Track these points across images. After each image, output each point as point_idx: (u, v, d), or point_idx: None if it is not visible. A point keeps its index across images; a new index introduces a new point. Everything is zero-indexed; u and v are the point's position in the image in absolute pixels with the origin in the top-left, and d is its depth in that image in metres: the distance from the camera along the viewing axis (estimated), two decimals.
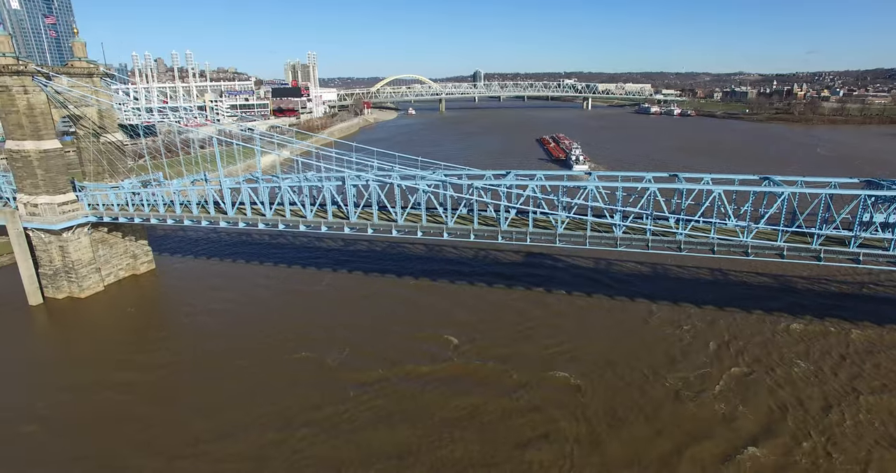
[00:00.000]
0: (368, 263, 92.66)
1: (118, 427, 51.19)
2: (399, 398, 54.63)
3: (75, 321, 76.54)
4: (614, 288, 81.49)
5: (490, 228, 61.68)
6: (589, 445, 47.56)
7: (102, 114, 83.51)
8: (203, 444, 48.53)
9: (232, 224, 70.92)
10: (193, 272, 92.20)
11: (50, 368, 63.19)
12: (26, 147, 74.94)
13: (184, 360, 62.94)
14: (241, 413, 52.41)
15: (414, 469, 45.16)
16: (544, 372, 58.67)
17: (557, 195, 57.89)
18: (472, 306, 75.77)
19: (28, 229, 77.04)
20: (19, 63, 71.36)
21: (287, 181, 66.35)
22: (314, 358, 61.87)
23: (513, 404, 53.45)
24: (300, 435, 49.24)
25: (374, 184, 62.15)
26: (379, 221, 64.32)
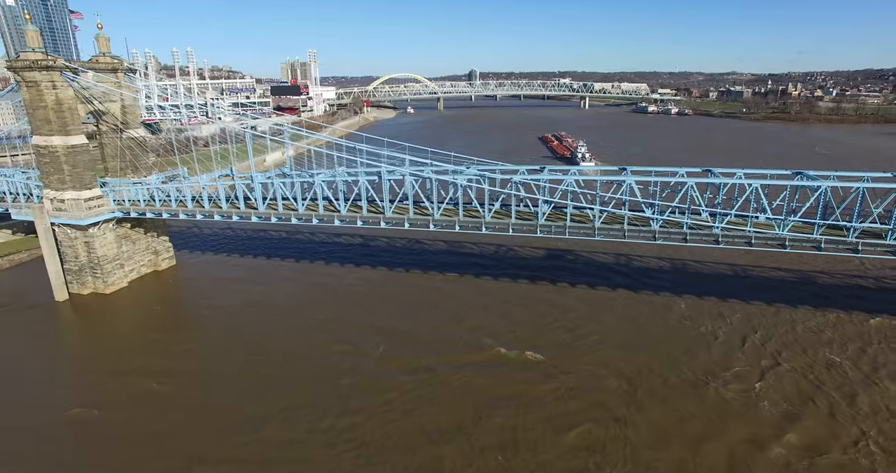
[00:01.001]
0: (390, 258, 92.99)
1: (165, 417, 51.41)
2: (443, 388, 55.34)
3: (103, 316, 76.31)
4: (636, 282, 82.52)
5: (528, 222, 62.34)
6: (623, 429, 48.63)
7: (125, 110, 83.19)
8: (254, 433, 48.92)
9: (264, 219, 71.02)
10: (214, 268, 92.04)
11: (85, 364, 63.15)
12: (54, 142, 74.61)
13: (218, 354, 62.98)
14: (288, 401, 52.78)
15: (461, 453, 45.86)
16: (579, 362, 59.48)
17: (596, 190, 58.63)
18: (501, 299, 76.48)
19: (55, 224, 76.63)
20: (48, 58, 71.05)
21: (320, 176, 66.54)
22: (353, 350, 62.25)
23: (553, 393, 54.18)
24: (343, 424, 49.71)
25: (410, 178, 62.57)
26: (415, 216, 64.76)
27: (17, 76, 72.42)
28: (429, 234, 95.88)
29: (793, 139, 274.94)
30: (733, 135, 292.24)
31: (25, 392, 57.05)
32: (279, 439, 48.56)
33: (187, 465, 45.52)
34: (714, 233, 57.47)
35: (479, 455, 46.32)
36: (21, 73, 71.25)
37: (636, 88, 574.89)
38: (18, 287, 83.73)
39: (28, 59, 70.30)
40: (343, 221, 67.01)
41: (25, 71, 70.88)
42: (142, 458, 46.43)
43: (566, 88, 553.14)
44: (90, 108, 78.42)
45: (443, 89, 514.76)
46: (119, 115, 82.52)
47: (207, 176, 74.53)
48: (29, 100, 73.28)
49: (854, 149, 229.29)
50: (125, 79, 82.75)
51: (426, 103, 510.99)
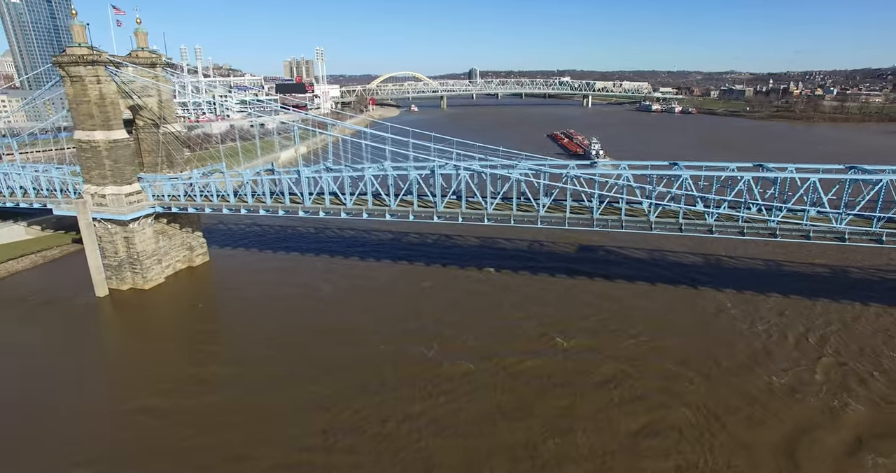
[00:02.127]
0: (424, 254, 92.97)
1: (225, 418, 51.30)
2: (499, 388, 55.32)
3: (146, 312, 76.21)
4: (674, 275, 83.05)
5: (583, 216, 62.60)
6: (698, 433, 48.50)
7: (162, 105, 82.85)
8: (310, 438, 48.51)
9: (311, 213, 70.95)
10: (248, 264, 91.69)
11: (136, 359, 63.05)
12: (96, 137, 74.27)
13: (266, 350, 62.46)
14: (343, 407, 52.25)
15: (532, 460, 45.75)
16: (635, 360, 59.67)
17: (652, 184, 58.93)
18: (542, 291, 76.94)
19: (96, 220, 76.27)
20: (94, 52, 70.72)
21: (370, 170, 66.50)
22: (399, 350, 62.16)
23: (614, 393, 54.38)
24: (406, 429, 49.29)
25: (465, 173, 62.66)
26: (468, 210, 64.87)
27: (62, 71, 72.05)
28: (455, 230, 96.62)
29: (800, 137, 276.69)
30: (740, 133, 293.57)
31: (87, 388, 56.94)
32: (344, 428, 48.72)
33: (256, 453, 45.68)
34: (770, 226, 57.79)
35: (545, 440, 46.69)
36: (66, 67, 70.94)
37: (637, 87, 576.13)
38: (56, 283, 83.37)
39: (74, 54, 70.04)
40: (394, 216, 67.02)
41: (71, 66, 70.59)
42: (208, 445, 46.59)
43: (567, 87, 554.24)
44: (130, 103, 78.06)
45: (445, 88, 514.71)
46: (156, 110, 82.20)
47: (251, 170, 74.21)
48: (73, 95, 72.95)
49: (864, 147, 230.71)
50: (163, 74, 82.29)
51: (429, 101, 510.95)
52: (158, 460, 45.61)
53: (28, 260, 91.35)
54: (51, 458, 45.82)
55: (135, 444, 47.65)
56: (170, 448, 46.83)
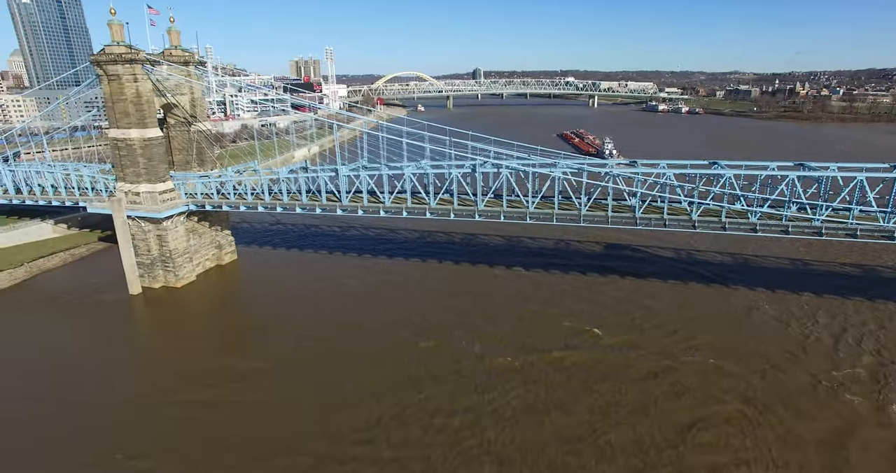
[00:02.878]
0: (452, 253, 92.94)
1: (272, 412, 51.42)
2: (543, 384, 55.47)
3: (181, 310, 76.34)
4: (703, 276, 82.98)
5: (625, 215, 62.65)
6: (746, 427, 48.60)
7: (194, 103, 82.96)
8: (359, 432, 48.66)
9: (349, 212, 70.98)
10: (275, 263, 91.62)
11: (179, 357, 62.97)
12: (131, 135, 74.42)
13: (306, 350, 62.12)
14: (390, 401, 52.37)
15: (587, 453, 45.97)
16: (675, 357, 59.85)
17: (695, 183, 58.94)
18: (575, 293, 76.79)
19: (131, 217, 76.36)
20: (132, 51, 70.85)
21: (409, 169, 66.55)
22: (440, 345, 62.29)
23: (658, 388, 54.47)
24: (457, 424, 49.41)
25: (507, 172, 62.73)
26: (509, 209, 64.96)
27: (99, 69, 72.15)
28: (482, 230, 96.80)
29: (812, 137, 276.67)
30: (750, 133, 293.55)
31: (130, 383, 57.12)
32: (394, 421, 48.79)
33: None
34: (815, 225, 57.77)
35: (596, 434, 46.73)
36: (104, 66, 71.04)
37: (642, 87, 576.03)
38: (88, 281, 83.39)
39: (113, 53, 70.13)
40: (434, 214, 67.11)
41: (109, 64, 70.69)
42: (258, 438, 46.62)
43: (572, 87, 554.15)
44: (164, 101, 78.15)
45: (452, 88, 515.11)
46: (188, 108, 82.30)
47: (285, 168, 74.27)
48: (109, 94, 73.08)
49: (880, 147, 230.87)
50: (195, 72, 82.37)
51: (435, 101, 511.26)
52: (211, 452, 45.76)
53: (58, 258, 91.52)
54: (103, 451, 45.93)
55: (185, 437, 47.89)
56: (220, 441, 47.03)
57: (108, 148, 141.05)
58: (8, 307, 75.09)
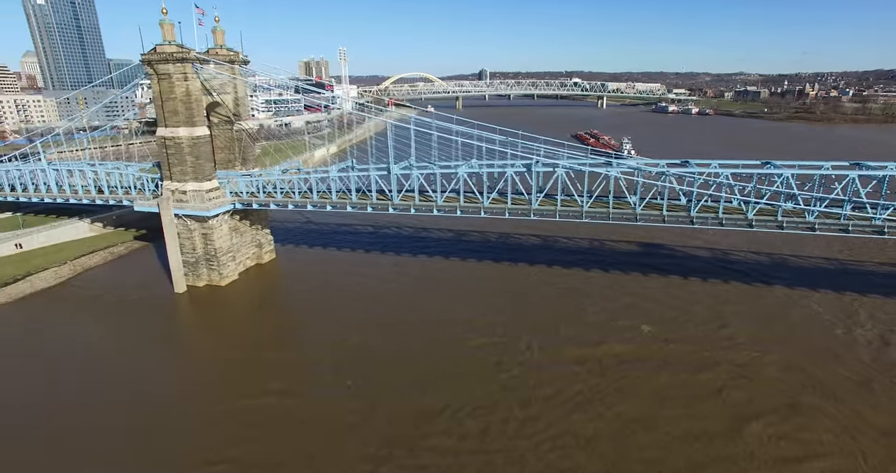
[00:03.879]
0: (488, 252, 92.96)
1: (344, 417, 51.60)
2: (601, 378, 55.79)
3: (229, 309, 76.49)
4: (746, 276, 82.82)
5: (681, 215, 62.79)
6: (808, 419, 48.89)
7: (238, 102, 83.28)
8: (434, 438, 48.99)
9: (401, 210, 71.16)
10: (314, 262, 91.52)
11: (239, 358, 62.89)
12: (180, 134, 74.78)
13: (360, 354, 61.69)
14: (458, 405, 52.13)
15: (652, 442, 46.35)
16: (742, 364, 59.35)
17: (750, 182, 59.07)
18: (620, 293, 76.71)
19: (178, 216, 76.69)
20: (183, 50, 71.23)
21: (463, 167, 66.75)
22: (498, 345, 62.33)
23: (731, 396, 54.33)
24: (531, 429, 49.25)
25: (562, 171, 62.89)
26: (563, 208, 65.15)
27: (149, 69, 72.53)
28: (522, 229, 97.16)
29: (827, 138, 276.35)
30: (764, 134, 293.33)
31: (194, 386, 57.22)
32: (468, 425, 48.90)
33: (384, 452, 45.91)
34: (876, 224, 57.80)
35: (674, 445, 46.77)
36: (155, 65, 71.43)
37: (650, 88, 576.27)
38: (130, 279, 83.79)
39: (164, 52, 70.50)
40: (488, 213, 67.44)
41: (160, 63, 71.09)
42: (336, 444, 46.74)
43: (579, 88, 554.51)
44: (210, 100, 78.47)
45: (462, 89, 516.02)
46: (232, 107, 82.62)
47: (336, 167, 74.48)
48: (159, 92, 73.48)
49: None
50: (240, 72, 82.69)
51: (443, 102, 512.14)
52: (293, 458, 45.55)
53: (99, 257, 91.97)
54: (181, 455, 45.99)
55: (262, 442, 47.56)
56: (300, 447, 46.85)
57: (128, 147, 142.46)
58: (57, 306, 75.38)
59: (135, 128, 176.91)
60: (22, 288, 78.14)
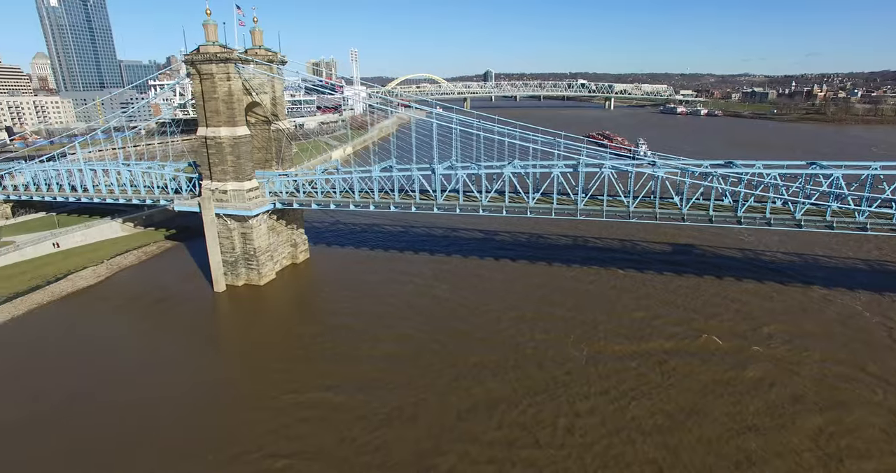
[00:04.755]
0: (521, 252, 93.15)
1: (396, 413, 51.89)
2: (662, 385, 55.57)
3: (270, 307, 76.85)
4: (781, 276, 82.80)
5: (728, 214, 63.06)
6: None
7: (275, 102, 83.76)
8: (489, 433, 49.36)
9: (447, 210, 71.45)
10: (348, 262, 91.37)
11: (288, 356, 63.25)
12: (221, 133, 75.23)
13: (405, 352, 61.90)
14: (510, 404, 52.62)
15: (708, 435, 46.64)
16: (787, 361, 59.48)
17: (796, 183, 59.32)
18: (659, 293, 76.71)
19: (219, 215, 77.11)
20: (226, 50, 71.72)
21: (508, 168, 67.08)
22: (548, 346, 62.37)
23: (779, 393, 54.44)
24: (582, 425, 50.14)
25: (608, 171, 63.14)
26: (609, 208, 65.44)
27: (192, 69, 73.08)
28: (558, 227, 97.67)
29: (840, 139, 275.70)
30: (776, 135, 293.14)
31: (248, 383, 57.68)
32: (521, 424, 49.15)
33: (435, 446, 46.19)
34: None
35: (728, 439, 46.91)
36: (198, 65, 71.93)
37: (657, 89, 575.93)
38: (167, 278, 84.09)
39: (208, 52, 70.98)
40: (534, 213, 67.82)
41: (203, 63, 71.58)
42: (393, 439, 47.04)
43: (586, 89, 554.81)
44: (249, 100, 78.92)
45: (469, 90, 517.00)
46: (269, 107, 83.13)
47: (377, 166, 74.81)
48: (201, 92, 73.96)
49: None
50: (277, 72, 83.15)
51: (449, 103, 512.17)
52: (349, 453, 45.87)
53: (133, 256, 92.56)
54: (240, 449, 46.31)
55: (318, 437, 47.96)
56: (355, 441, 47.24)
57: (149, 147, 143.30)
58: (99, 305, 75.66)
59: (151, 129, 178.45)
60: (63, 287, 78.70)
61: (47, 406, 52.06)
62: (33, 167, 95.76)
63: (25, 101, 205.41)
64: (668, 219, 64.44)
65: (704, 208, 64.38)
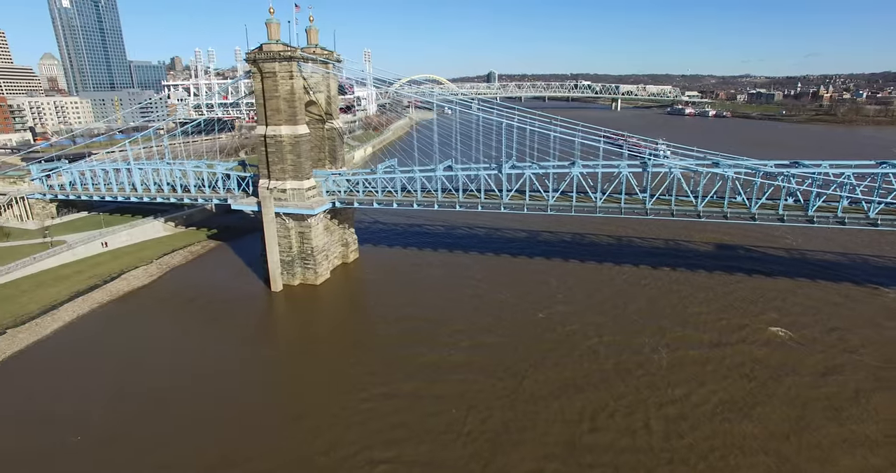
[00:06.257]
0: (570, 252, 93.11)
1: (482, 402, 51.84)
2: (731, 380, 56.07)
3: (330, 306, 76.59)
4: (830, 273, 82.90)
5: (800, 214, 63.34)
6: None
7: (330, 101, 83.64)
8: (575, 425, 49.53)
9: (513, 209, 71.51)
10: (398, 261, 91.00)
11: (362, 349, 63.13)
12: (282, 132, 75.10)
13: (478, 345, 62.62)
14: (590, 394, 53.40)
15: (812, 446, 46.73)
16: (843, 353, 60.24)
17: (878, 182, 59.65)
18: (715, 290, 76.79)
19: (279, 214, 76.87)
20: (289, 48, 71.62)
21: (577, 168, 67.15)
22: (609, 343, 62.64)
23: (846, 384, 54.70)
24: (666, 414, 50.43)
25: (678, 171, 63.27)
26: (678, 207, 65.66)
27: (254, 67, 72.94)
28: (603, 228, 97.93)
29: (854, 140, 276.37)
30: (790, 136, 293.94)
31: (329, 380, 57.53)
32: (604, 413, 49.14)
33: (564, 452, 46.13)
34: None
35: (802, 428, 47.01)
36: (261, 63, 71.80)
37: (662, 91, 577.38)
38: (219, 278, 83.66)
39: (271, 50, 70.90)
40: (602, 213, 68.05)
41: (267, 62, 71.46)
42: (490, 428, 46.99)
43: (591, 90, 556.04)
44: (307, 99, 78.80)
45: (476, 91, 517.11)
46: (324, 106, 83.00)
47: (441, 166, 74.73)
48: (261, 91, 73.80)
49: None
50: (333, 71, 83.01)
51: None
52: (447, 459, 45.72)
53: (180, 256, 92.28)
54: (344, 456, 46.21)
55: (413, 425, 48.52)
56: (450, 427, 47.47)
57: (171, 146, 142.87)
58: (159, 306, 74.95)
59: (170, 129, 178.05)
60: (120, 287, 78.39)
61: (133, 405, 51.88)
62: (81, 166, 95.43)
63: (46, 102, 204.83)
64: (738, 218, 64.65)
65: (772, 207, 64.53)
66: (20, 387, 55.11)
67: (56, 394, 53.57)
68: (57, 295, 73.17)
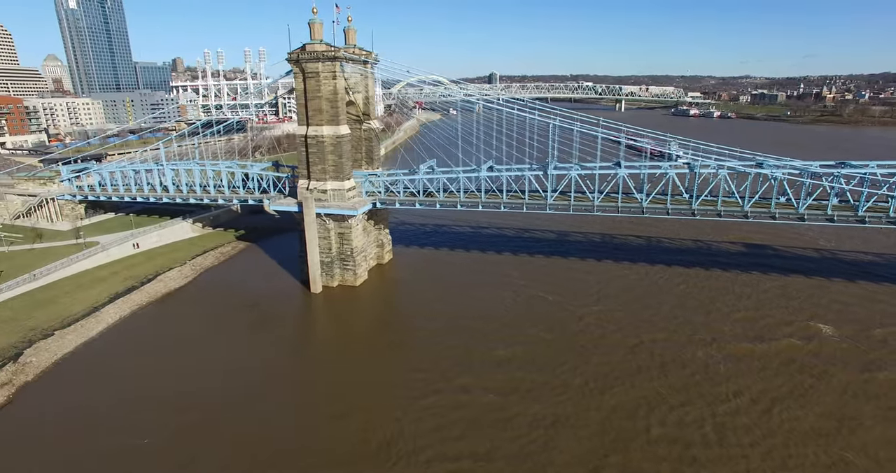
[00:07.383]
0: (600, 252, 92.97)
1: (544, 395, 51.64)
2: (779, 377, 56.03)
3: (373, 308, 76.20)
4: (867, 274, 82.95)
5: (849, 214, 63.53)
6: None
7: (367, 101, 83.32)
8: (630, 422, 49.35)
9: (558, 210, 71.38)
10: (433, 263, 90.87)
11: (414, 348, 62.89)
12: (323, 132, 74.79)
13: (529, 344, 62.49)
14: (636, 396, 53.27)
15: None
16: (882, 351, 60.37)
17: None
18: (752, 289, 76.85)
19: (320, 215, 76.46)
20: (332, 48, 71.32)
21: (622, 170, 67.10)
22: (652, 341, 62.58)
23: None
24: (724, 410, 50.39)
25: (725, 172, 63.28)
26: (725, 208, 65.66)
27: (296, 67, 72.61)
28: (636, 229, 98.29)
29: (862, 140, 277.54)
30: (797, 136, 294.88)
31: (388, 378, 57.19)
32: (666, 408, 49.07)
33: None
34: None
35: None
36: (304, 63, 71.49)
37: (665, 92, 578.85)
38: (253, 280, 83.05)
39: (315, 50, 70.60)
40: (649, 213, 67.98)
41: (310, 62, 71.15)
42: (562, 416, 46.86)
43: (594, 91, 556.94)
44: (347, 99, 78.43)
45: (480, 92, 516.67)
46: (362, 106, 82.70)
47: (485, 165, 74.53)
48: (303, 91, 73.47)
49: None
50: (371, 71, 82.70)
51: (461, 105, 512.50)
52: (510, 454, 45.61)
53: (212, 257, 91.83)
54: (415, 451, 46.03)
55: (466, 421, 48.64)
56: (512, 445, 46.99)
57: (188, 147, 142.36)
58: (198, 309, 74.11)
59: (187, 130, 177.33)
60: (157, 288, 77.88)
61: (189, 406, 51.49)
62: (111, 166, 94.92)
63: (59, 103, 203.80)
64: (786, 218, 64.70)
65: (818, 208, 64.61)
66: (76, 388, 54.67)
67: (112, 395, 53.16)
68: (98, 297, 72.70)
